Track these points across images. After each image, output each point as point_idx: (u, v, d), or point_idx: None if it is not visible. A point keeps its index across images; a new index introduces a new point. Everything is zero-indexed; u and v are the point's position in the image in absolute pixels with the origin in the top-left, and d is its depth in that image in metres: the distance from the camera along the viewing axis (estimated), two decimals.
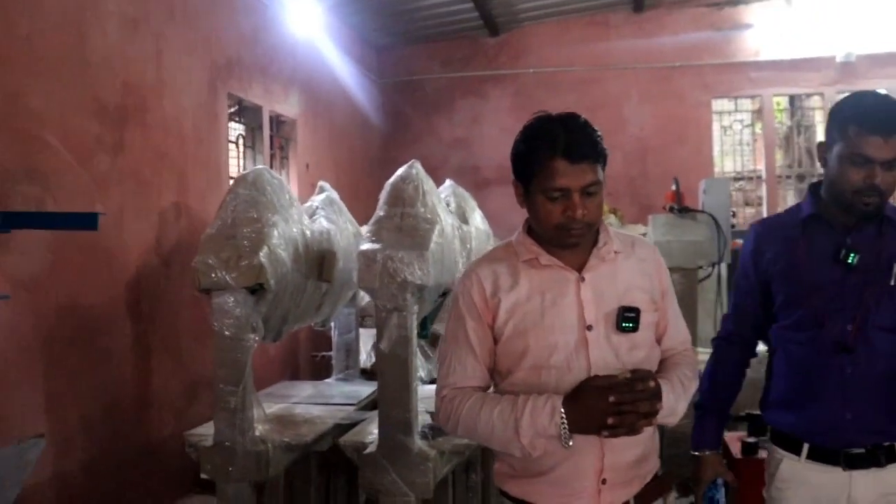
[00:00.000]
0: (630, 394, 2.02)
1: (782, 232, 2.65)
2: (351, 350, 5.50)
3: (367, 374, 5.57)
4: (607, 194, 7.74)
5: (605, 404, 2.00)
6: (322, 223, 4.61)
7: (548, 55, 9.44)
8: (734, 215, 7.20)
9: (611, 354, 2.15)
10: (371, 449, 3.69)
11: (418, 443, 3.65)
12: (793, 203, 11.05)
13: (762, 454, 3.79)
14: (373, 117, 8.74)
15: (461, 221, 4.80)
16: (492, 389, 2.31)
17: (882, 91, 2.47)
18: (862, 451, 2.46)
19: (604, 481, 2.14)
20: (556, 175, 2.08)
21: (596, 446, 2.11)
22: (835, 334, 2.47)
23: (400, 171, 4.17)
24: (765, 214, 9.60)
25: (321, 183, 5.07)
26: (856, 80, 9.09)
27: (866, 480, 2.47)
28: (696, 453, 2.73)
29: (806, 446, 2.52)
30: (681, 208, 6.48)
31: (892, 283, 2.48)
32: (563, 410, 2.04)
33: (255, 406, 3.78)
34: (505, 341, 2.20)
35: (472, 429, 2.18)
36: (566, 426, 2.03)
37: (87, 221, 4.21)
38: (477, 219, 5.20)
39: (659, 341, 2.31)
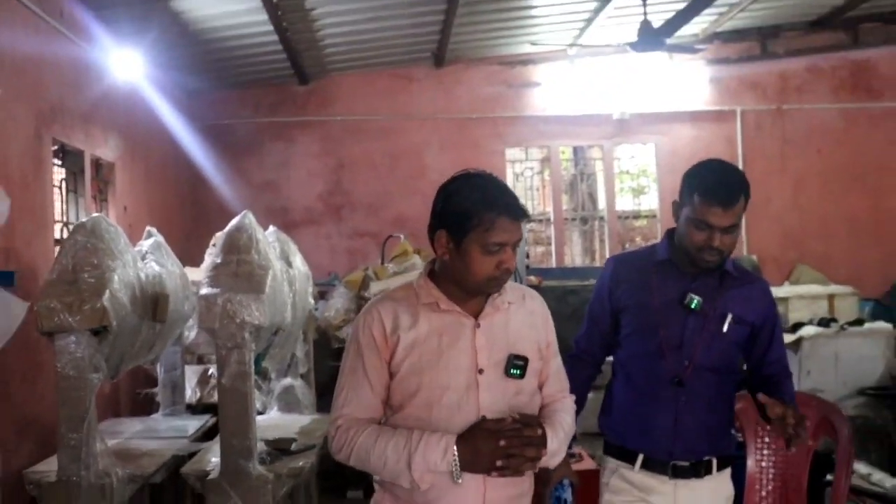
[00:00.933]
0: (518, 439, 2.16)
1: (637, 269, 2.93)
2: (177, 386, 5.70)
3: (193, 409, 5.81)
4: (410, 234, 8.20)
5: (495, 447, 2.14)
6: (153, 267, 4.83)
7: (354, 104, 9.66)
8: (528, 256, 7.89)
9: (499, 398, 2.27)
10: (214, 475, 3.98)
11: (258, 468, 3.99)
12: (578, 242, 11.99)
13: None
14: (186, 159, 8.87)
15: (287, 265, 5.19)
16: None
17: (726, 162, 2.81)
18: (686, 464, 2.81)
19: None
20: (499, 231, 2.20)
21: (479, 483, 2.22)
22: (672, 369, 2.79)
23: (234, 221, 4.50)
24: (553, 253, 10.39)
25: (149, 228, 5.26)
26: (629, 134, 10.00)
27: (686, 490, 2.82)
28: None
29: (640, 457, 2.84)
30: None
31: (724, 330, 2.79)
32: (455, 449, 2.16)
33: (99, 441, 3.97)
34: (401, 378, 2.28)
35: (365, 459, 2.25)
36: (457, 464, 2.15)
37: (3, 279, 4.44)
38: (298, 261, 5.58)
39: (540, 387, 2.45)
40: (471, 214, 2.20)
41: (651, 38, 6.91)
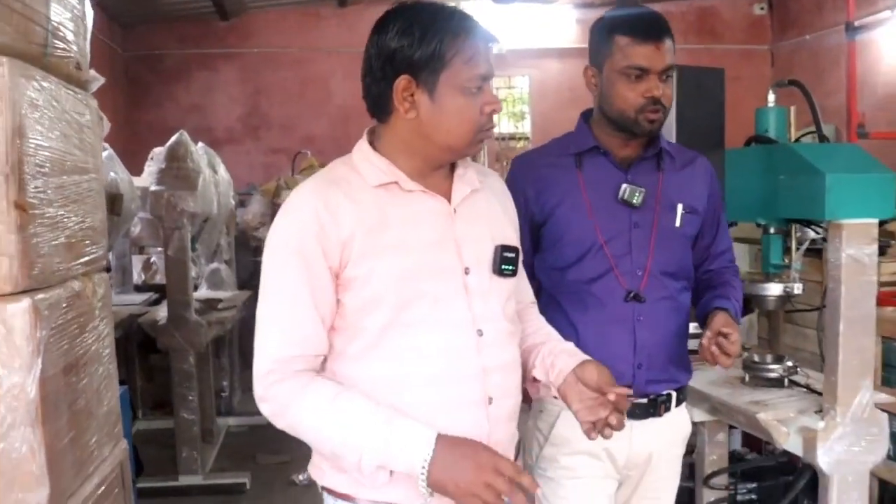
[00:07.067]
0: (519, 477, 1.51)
1: (555, 167, 2.26)
2: (126, 270, 7.07)
3: (139, 289, 7.18)
4: (316, 151, 9.72)
5: (484, 477, 1.47)
6: (110, 174, 6.27)
7: (269, 38, 10.73)
8: None
9: (495, 307, 1.70)
10: (162, 322, 5.51)
11: (194, 316, 5.52)
12: None
13: None
14: (122, 86, 9.93)
15: (213, 172, 6.67)
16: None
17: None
18: (645, 401, 2.20)
19: None
20: (481, 61, 1.70)
21: None
22: (625, 282, 2.17)
23: (174, 137, 5.90)
24: None
25: (104, 143, 6.65)
26: (507, 68, 11.01)
27: (644, 432, 2.21)
28: None
29: None
30: None
31: (677, 224, 2.22)
32: (431, 452, 1.49)
33: None
34: (356, 292, 1.61)
35: (313, 436, 1.62)
36: (426, 477, 1.49)
37: None
38: (221, 170, 7.04)
39: None
40: (444, 45, 1.63)
41: None
